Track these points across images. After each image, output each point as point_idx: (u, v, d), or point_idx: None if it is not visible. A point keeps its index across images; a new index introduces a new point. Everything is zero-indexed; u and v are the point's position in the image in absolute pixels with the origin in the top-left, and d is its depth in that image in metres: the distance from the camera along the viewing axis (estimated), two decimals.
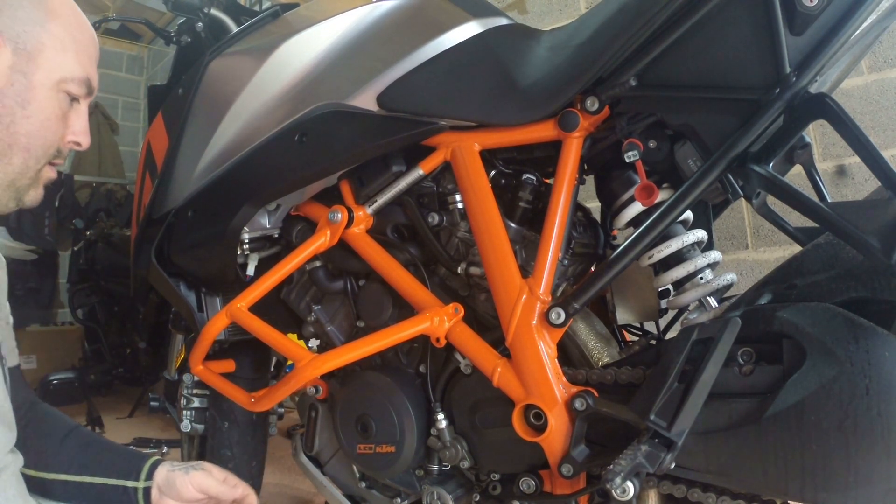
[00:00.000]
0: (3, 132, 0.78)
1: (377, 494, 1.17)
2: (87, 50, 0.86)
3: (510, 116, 0.95)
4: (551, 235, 0.90)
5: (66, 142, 0.86)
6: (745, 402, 0.77)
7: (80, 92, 0.85)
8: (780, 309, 0.76)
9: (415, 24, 1.07)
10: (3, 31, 0.77)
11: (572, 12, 2.39)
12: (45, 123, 0.81)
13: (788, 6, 0.76)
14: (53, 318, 4.43)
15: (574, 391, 0.87)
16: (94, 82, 0.87)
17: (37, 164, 0.83)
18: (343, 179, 1.10)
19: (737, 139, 0.80)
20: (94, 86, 0.88)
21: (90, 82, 0.86)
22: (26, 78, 0.79)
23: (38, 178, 0.84)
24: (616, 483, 0.71)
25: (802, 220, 0.78)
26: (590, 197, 1.06)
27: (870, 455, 0.70)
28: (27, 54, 0.79)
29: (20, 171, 0.81)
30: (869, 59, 1.81)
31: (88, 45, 0.86)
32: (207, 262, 1.19)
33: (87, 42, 0.86)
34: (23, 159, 0.81)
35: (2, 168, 0.79)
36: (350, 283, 1.15)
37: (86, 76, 0.85)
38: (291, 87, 1.09)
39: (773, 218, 0.91)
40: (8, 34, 0.77)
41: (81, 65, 0.84)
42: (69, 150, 0.87)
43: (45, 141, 0.82)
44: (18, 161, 0.81)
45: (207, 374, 1.17)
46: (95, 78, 0.88)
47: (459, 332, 0.96)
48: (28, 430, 0.97)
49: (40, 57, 0.80)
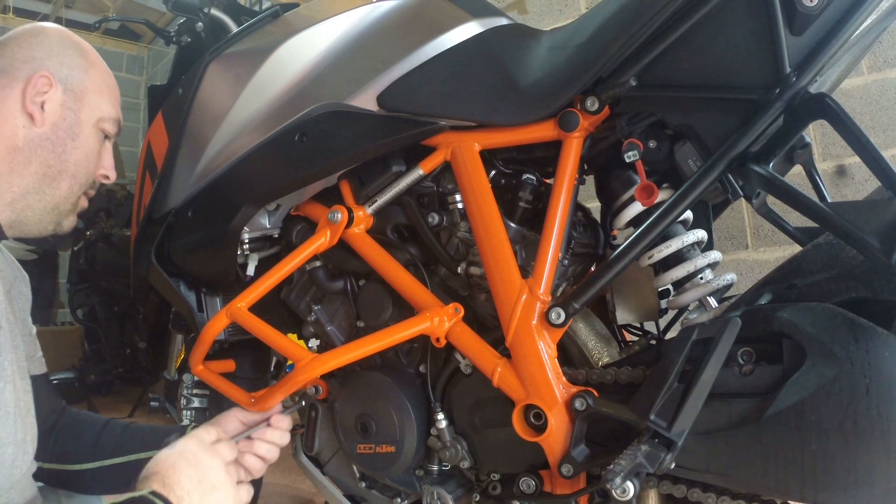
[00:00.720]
0: (55, 159, 0.89)
1: (377, 494, 1.17)
2: (117, 95, 1.00)
3: (510, 116, 0.95)
4: (551, 235, 0.90)
5: (98, 175, 0.98)
6: (745, 402, 0.77)
7: (112, 130, 0.97)
8: (780, 309, 0.76)
9: (415, 24, 1.07)
10: (55, 73, 0.89)
11: (572, 12, 2.39)
12: (88, 155, 0.93)
13: (788, 6, 0.76)
14: (53, 318, 4.43)
15: (574, 391, 0.87)
16: (121, 123, 1.00)
17: (79, 191, 0.94)
18: (343, 179, 1.10)
19: (737, 139, 0.80)
20: (121, 126, 1.00)
21: (120, 123, 0.99)
22: (75, 114, 0.91)
23: (76, 205, 0.95)
24: (616, 483, 0.71)
25: (802, 220, 0.78)
26: (590, 197, 1.06)
27: (870, 455, 0.70)
28: (74, 94, 0.91)
29: (65, 197, 0.92)
30: (869, 59, 1.81)
31: (117, 92, 1.00)
32: (207, 262, 1.19)
33: (116, 88, 1.00)
34: (69, 185, 0.92)
35: (50, 192, 0.90)
36: (350, 283, 1.15)
37: (118, 117, 0.99)
38: (291, 87, 1.09)
39: (773, 218, 0.91)
40: (58, 76, 0.90)
41: (114, 107, 0.98)
42: (100, 182, 0.98)
43: (87, 171, 0.94)
44: (65, 187, 0.92)
45: (207, 374, 1.17)
46: (121, 120, 1.01)
47: (459, 332, 0.96)
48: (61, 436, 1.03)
49: (84, 98, 0.92)
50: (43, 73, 0.88)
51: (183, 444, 0.79)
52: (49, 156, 0.89)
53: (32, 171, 0.88)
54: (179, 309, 1.30)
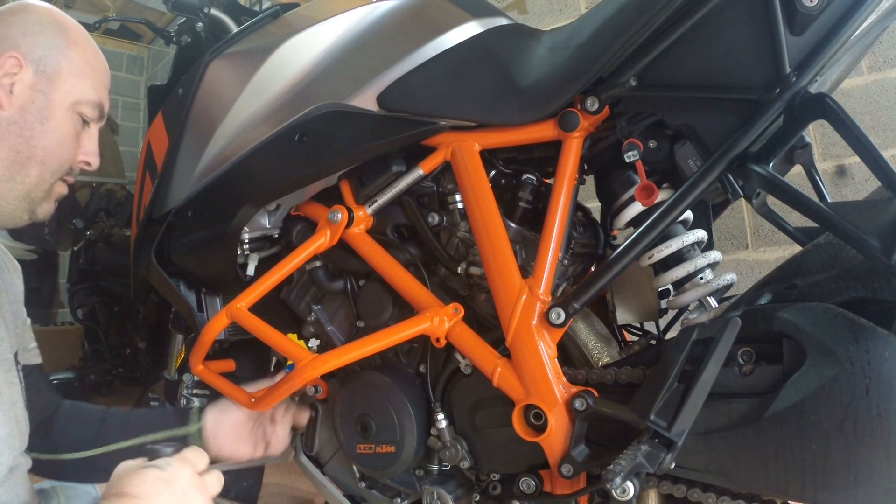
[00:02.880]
0: (23, 145, 0.85)
1: (377, 494, 1.17)
2: (101, 77, 0.94)
3: (510, 116, 0.95)
4: (551, 235, 0.90)
5: (78, 161, 0.93)
6: (745, 402, 0.77)
7: (92, 115, 0.93)
8: (780, 309, 0.76)
9: (415, 25, 1.07)
10: (27, 53, 0.85)
11: (572, 12, 2.39)
12: (60, 140, 0.89)
13: (788, 6, 0.76)
14: (53, 318, 4.42)
15: (574, 391, 0.87)
16: (105, 107, 0.95)
17: (51, 177, 0.89)
18: (343, 179, 1.10)
19: (737, 139, 0.80)
20: (106, 111, 0.96)
21: (102, 107, 0.94)
22: (46, 97, 0.87)
23: (50, 191, 0.91)
24: (616, 483, 0.71)
25: (802, 220, 0.78)
26: (590, 197, 1.06)
27: (870, 455, 0.70)
28: (47, 76, 0.87)
29: (35, 183, 0.88)
30: (869, 59, 1.81)
31: (102, 74, 0.94)
32: (207, 262, 1.19)
33: (100, 70, 0.94)
34: (38, 172, 0.88)
35: (20, 179, 0.86)
36: (350, 283, 1.15)
37: (99, 100, 0.93)
38: (291, 87, 1.09)
39: (773, 218, 0.91)
40: (30, 57, 0.85)
41: (95, 90, 0.92)
42: (79, 168, 0.94)
43: (59, 157, 0.89)
44: (35, 173, 0.87)
45: (207, 374, 1.17)
46: (107, 104, 0.96)
47: (459, 332, 0.96)
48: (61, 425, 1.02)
49: (59, 79, 0.88)
50: (13, 53, 0.84)
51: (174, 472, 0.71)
52: (17, 140, 0.85)
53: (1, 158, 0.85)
54: (179, 309, 1.30)
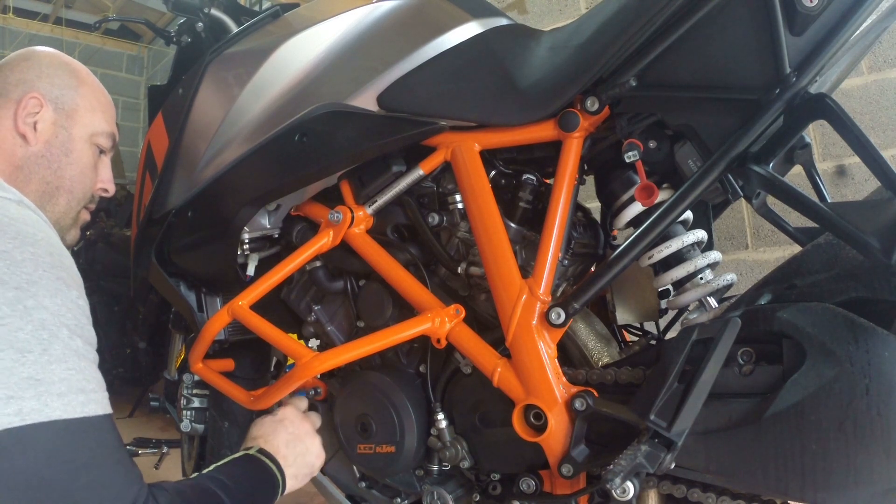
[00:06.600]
0: (52, 176, 0.93)
1: (377, 494, 1.17)
2: (110, 111, 1.03)
3: (510, 117, 0.95)
4: (551, 235, 0.90)
5: (97, 189, 1.01)
6: (745, 402, 0.77)
7: (106, 145, 1.00)
8: (780, 309, 0.76)
9: (415, 25, 1.07)
10: (45, 94, 0.93)
11: (572, 12, 2.39)
12: (83, 170, 0.96)
13: (788, 6, 0.76)
14: None
15: (574, 391, 0.87)
16: (116, 137, 1.03)
17: (77, 205, 0.97)
18: (343, 179, 1.10)
19: (737, 139, 0.80)
20: (117, 141, 1.03)
21: (114, 136, 1.03)
22: (67, 131, 0.94)
23: (77, 219, 0.99)
24: (616, 483, 0.71)
25: (802, 220, 0.78)
26: (590, 197, 1.06)
27: (870, 455, 0.70)
28: (66, 112, 0.95)
29: (64, 212, 0.95)
30: (869, 59, 1.81)
31: (109, 107, 1.03)
32: (208, 262, 1.19)
33: (108, 104, 1.03)
34: (66, 201, 0.95)
35: (50, 209, 0.93)
36: (350, 283, 1.15)
37: (111, 131, 1.01)
38: (291, 87, 1.09)
39: (773, 218, 0.91)
40: (48, 96, 0.93)
41: (107, 122, 1.00)
42: (98, 196, 1.02)
43: (83, 185, 0.97)
44: (63, 202, 0.95)
45: (207, 373, 1.17)
46: (118, 135, 1.04)
47: (459, 332, 0.96)
48: None
49: (76, 115, 0.96)
50: (33, 94, 0.91)
51: (282, 412, 0.97)
52: (45, 172, 0.92)
53: (33, 189, 0.91)
54: (179, 309, 1.30)
